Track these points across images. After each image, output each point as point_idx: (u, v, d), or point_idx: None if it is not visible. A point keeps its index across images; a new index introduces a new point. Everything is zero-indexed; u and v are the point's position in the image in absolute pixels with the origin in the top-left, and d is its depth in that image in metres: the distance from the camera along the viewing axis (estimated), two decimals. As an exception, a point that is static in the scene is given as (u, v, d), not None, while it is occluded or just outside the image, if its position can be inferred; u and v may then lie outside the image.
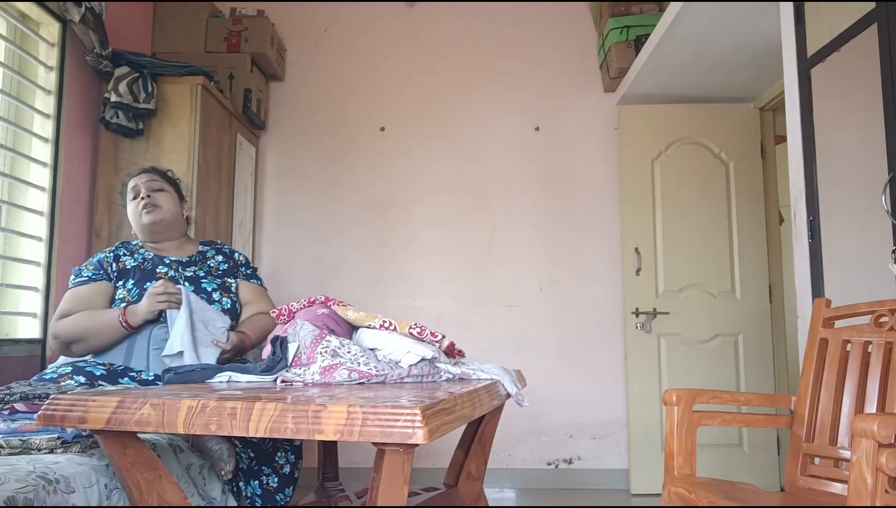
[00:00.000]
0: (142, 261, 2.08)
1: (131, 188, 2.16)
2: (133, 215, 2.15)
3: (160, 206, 2.14)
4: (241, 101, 3.48)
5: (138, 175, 2.20)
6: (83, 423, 1.20)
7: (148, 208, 2.11)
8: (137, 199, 2.13)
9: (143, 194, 2.12)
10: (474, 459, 2.12)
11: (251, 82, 3.53)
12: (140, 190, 2.14)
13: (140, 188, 2.14)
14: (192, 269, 2.13)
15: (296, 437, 1.08)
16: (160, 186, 2.17)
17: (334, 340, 1.70)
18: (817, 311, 1.92)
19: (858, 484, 1.18)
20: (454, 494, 2.09)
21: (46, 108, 2.71)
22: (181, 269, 2.11)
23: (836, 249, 2.06)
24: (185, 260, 2.15)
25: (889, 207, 1.78)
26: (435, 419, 1.09)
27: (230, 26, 3.55)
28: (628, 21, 3.52)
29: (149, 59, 3.00)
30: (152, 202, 2.12)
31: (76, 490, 1.28)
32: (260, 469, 1.84)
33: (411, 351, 1.70)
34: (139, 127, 2.95)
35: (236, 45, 3.53)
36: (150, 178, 2.18)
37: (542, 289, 3.73)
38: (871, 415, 1.18)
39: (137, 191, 2.14)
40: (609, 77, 3.68)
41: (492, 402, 1.62)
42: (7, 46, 2.55)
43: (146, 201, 2.11)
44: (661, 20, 3.01)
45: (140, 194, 2.13)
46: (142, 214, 2.11)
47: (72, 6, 2.64)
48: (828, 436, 1.77)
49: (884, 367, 1.70)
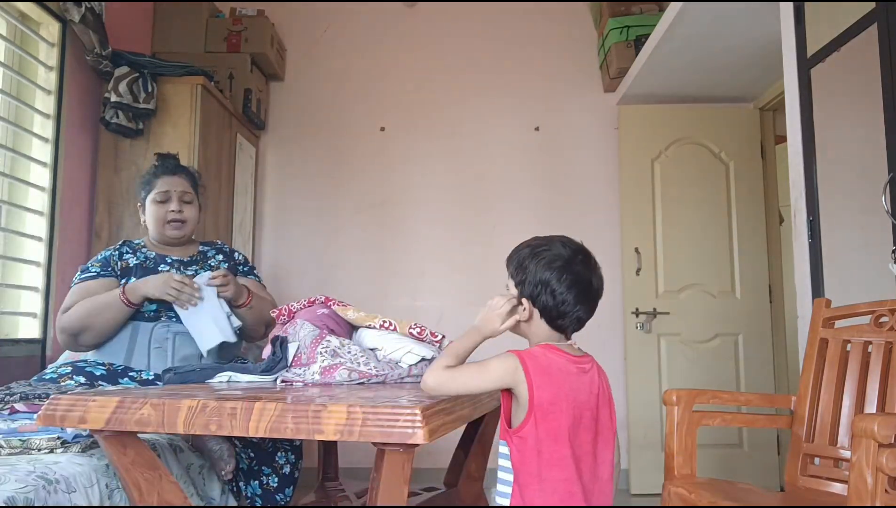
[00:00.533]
0: (144, 260, 2.08)
1: (161, 191, 2.09)
2: (156, 218, 2.09)
3: (187, 221, 2.11)
4: (241, 101, 3.48)
5: (172, 175, 2.13)
6: (83, 423, 1.20)
7: (176, 225, 2.08)
8: (166, 205, 2.08)
9: (174, 207, 2.07)
10: (474, 459, 2.12)
11: (251, 82, 3.53)
12: (171, 197, 2.08)
13: (172, 195, 2.08)
14: (193, 268, 2.13)
15: (296, 437, 1.08)
16: (190, 199, 2.13)
17: (334, 340, 1.70)
18: (817, 311, 1.92)
19: (858, 484, 1.18)
20: (454, 494, 2.09)
21: (46, 108, 2.71)
22: (183, 268, 2.10)
23: (836, 249, 2.06)
24: (187, 260, 2.15)
25: (889, 207, 1.78)
26: (435, 419, 1.09)
27: (230, 26, 3.55)
28: (628, 21, 3.52)
29: (149, 59, 3.00)
30: (181, 218, 2.09)
31: (77, 489, 1.28)
32: (260, 469, 1.84)
33: (411, 351, 1.70)
34: (139, 127, 2.95)
35: (236, 45, 3.53)
36: (184, 187, 2.12)
37: (542, 289, 3.72)
38: (871, 415, 1.18)
39: (168, 197, 2.08)
40: (609, 77, 3.68)
41: (492, 402, 1.62)
42: (7, 46, 2.55)
43: (175, 217, 2.07)
44: (661, 20, 3.00)
45: (171, 201, 2.08)
46: (168, 226, 2.08)
47: (72, 6, 2.63)
48: (828, 436, 1.77)
49: (884, 367, 1.70)
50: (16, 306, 2.58)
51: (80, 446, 1.42)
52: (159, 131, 2.99)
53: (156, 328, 1.96)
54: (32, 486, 1.19)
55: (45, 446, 1.41)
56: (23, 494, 1.15)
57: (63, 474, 1.28)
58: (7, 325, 2.55)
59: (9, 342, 2.46)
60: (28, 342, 2.56)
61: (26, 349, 2.53)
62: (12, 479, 1.18)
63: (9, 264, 2.56)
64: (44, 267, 2.65)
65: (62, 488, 1.25)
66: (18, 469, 1.25)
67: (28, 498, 1.15)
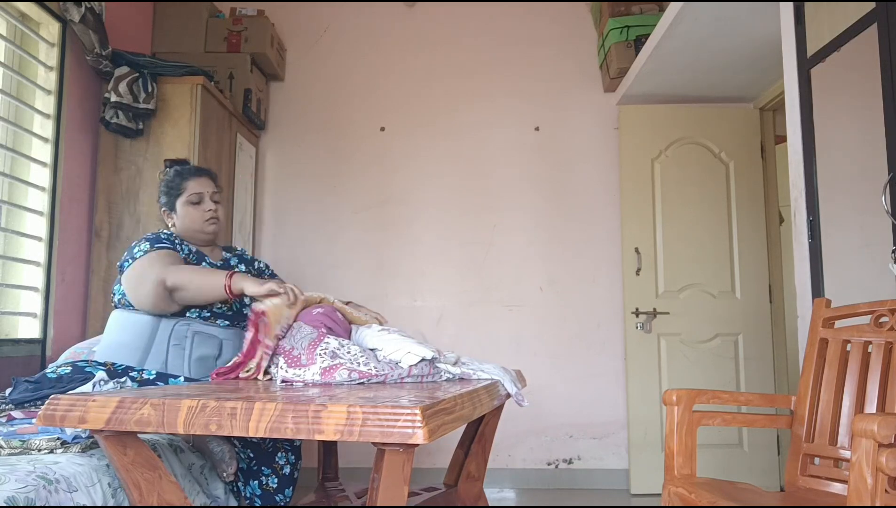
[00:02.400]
0: (188, 253, 2.09)
1: (194, 193, 2.13)
2: (195, 220, 2.13)
3: (220, 218, 2.18)
4: (241, 101, 3.48)
5: (199, 177, 2.18)
6: (83, 423, 1.20)
7: (213, 221, 2.14)
8: (202, 206, 2.13)
9: (210, 207, 2.14)
10: (474, 459, 2.12)
11: (251, 82, 3.53)
12: (205, 198, 2.14)
13: (205, 197, 2.14)
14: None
15: (296, 437, 1.08)
16: (219, 199, 2.20)
17: (333, 341, 1.70)
18: (817, 311, 1.92)
19: (858, 484, 1.18)
20: (454, 494, 2.09)
21: (46, 108, 2.71)
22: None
23: (836, 249, 2.06)
24: (219, 264, 2.16)
25: (889, 207, 1.78)
26: (435, 419, 1.09)
27: (230, 26, 3.55)
28: (628, 21, 3.52)
29: (149, 59, 3.00)
30: (217, 215, 2.15)
31: (78, 489, 1.29)
32: (259, 470, 1.84)
33: (411, 351, 1.70)
34: (139, 127, 2.95)
35: (236, 46, 3.53)
36: (212, 187, 2.19)
37: (542, 289, 3.73)
38: (871, 415, 1.18)
39: (202, 197, 2.14)
40: (609, 77, 3.68)
41: (492, 402, 1.62)
42: (7, 46, 2.55)
43: (212, 216, 2.14)
44: (661, 20, 3.01)
45: (205, 202, 2.14)
46: (206, 224, 2.13)
47: (72, 6, 2.64)
48: (828, 436, 1.77)
49: (884, 367, 1.70)
50: (16, 306, 2.59)
51: (79, 446, 1.43)
52: (159, 131, 2.99)
53: (177, 324, 1.96)
54: (33, 486, 1.19)
55: (45, 446, 1.41)
56: (23, 494, 1.15)
57: (63, 474, 1.28)
58: (7, 325, 2.55)
59: (9, 342, 2.47)
60: (28, 342, 2.56)
61: (26, 349, 2.53)
62: (12, 479, 1.18)
63: (9, 264, 2.57)
64: (44, 267, 2.65)
65: (63, 488, 1.25)
66: (18, 469, 1.25)
67: (28, 498, 1.15)
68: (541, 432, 3.64)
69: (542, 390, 3.58)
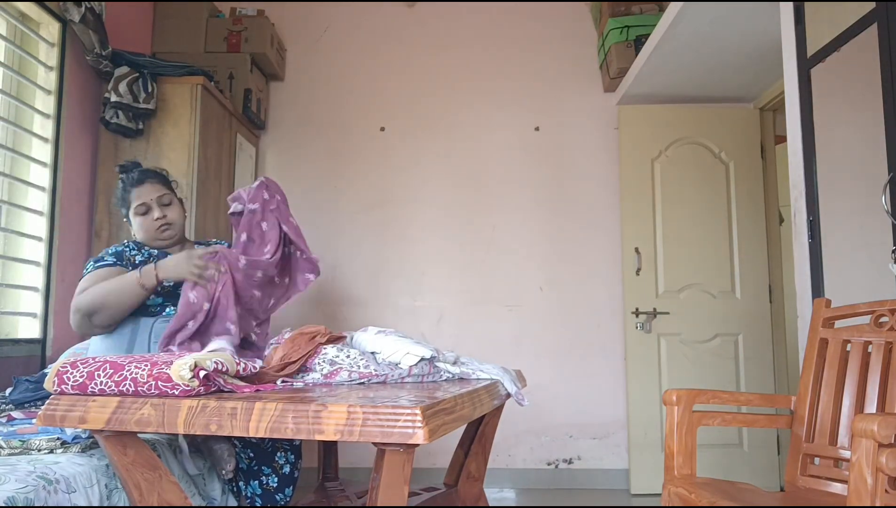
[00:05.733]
0: (148, 257, 2.09)
1: (140, 204, 2.11)
2: (144, 228, 2.11)
3: (172, 222, 2.14)
4: (241, 101, 3.48)
5: (140, 185, 2.14)
6: (83, 423, 1.20)
7: (164, 228, 2.11)
8: (149, 215, 2.10)
9: (157, 215, 2.10)
10: (474, 459, 2.12)
11: (251, 82, 3.53)
12: (152, 207, 2.11)
13: (152, 206, 2.11)
14: None
15: (296, 437, 1.08)
16: (168, 200, 2.15)
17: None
18: (817, 311, 1.92)
19: (858, 484, 1.18)
20: (454, 494, 2.09)
21: (46, 108, 2.71)
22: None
23: (836, 249, 2.06)
24: None
25: (889, 207, 1.78)
26: (435, 419, 1.09)
27: (230, 26, 3.55)
28: (628, 21, 3.52)
29: (149, 59, 3.00)
30: (167, 222, 2.12)
31: (77, 489, 1.29)
32: (260, 469, 1.84)
33: (410, 352, 1.71)
34: (139, 127, 2.95)
35: (236, 46, 3.53)
36: (159, 193, 2.14)
37: (542, 289, 3.73)
38: (871, 415, 1.18)
39: (149, 207, 2.11)
40: (609, 77, 3.68)
41: (492, 402, 1.62)
42: (7, 46, 2.55)
43: (162, 224, 2.10)
44: (661, 20, 3.01)
45: (152, 211, 2.10)
46: (158, 232, 2.11)
47: (72, 6, 2.63)
48: (828, 436, 1.77)
49: (884, 367, 1.70)
50: (16, 306, 2.59)
51: (79, 447, 1.43)
52: (159, 131, 2.99)
53: (156, 323, 1.96)
54: (32, 486, 1.19)
55: (45, 446, 1.41)
56: (23, 494, 1.15)
57: (63, 474, 1.28)
58: (7, 325, 2.55)
59: (9, 342, 2.47)
60: (28, 342, 2.56)
61: (26, 349, 2.53)
62: (12, 479, 1.18)
63: (9, 263, 2.56)
64: (44, 267, 2.65)
65: (62, 488, 1.25)
66: (18, 469, 1.25)
67: (28, 498, 1.15)
68: (541, 432, 3.63)
69: (542, 390, 3.58)
